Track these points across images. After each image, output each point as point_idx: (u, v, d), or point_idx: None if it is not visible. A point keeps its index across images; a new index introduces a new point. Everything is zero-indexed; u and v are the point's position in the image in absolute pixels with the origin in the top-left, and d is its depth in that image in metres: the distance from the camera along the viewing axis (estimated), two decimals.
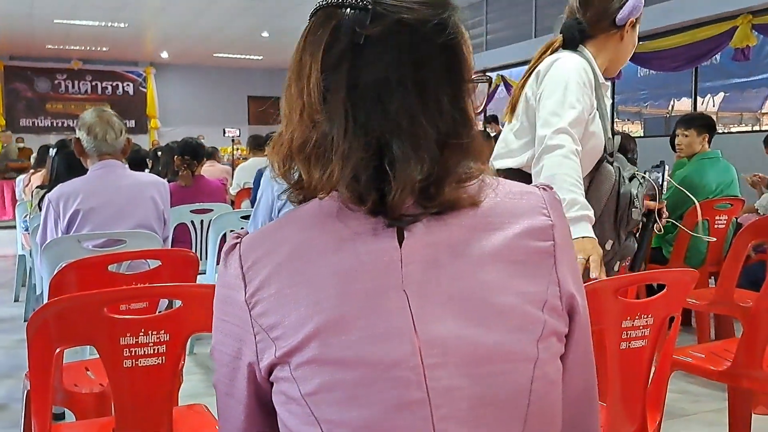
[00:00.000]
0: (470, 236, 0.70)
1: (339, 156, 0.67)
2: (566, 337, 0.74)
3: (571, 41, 1.94)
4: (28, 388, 1.83)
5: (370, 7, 0.68)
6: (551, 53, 1.95)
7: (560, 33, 1.95)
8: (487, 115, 10.28)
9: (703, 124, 3.96)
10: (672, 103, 10.82)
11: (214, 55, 14.79)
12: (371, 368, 0.65)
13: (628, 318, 1.47)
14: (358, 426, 0.65)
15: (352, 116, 0.68)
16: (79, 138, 2.60)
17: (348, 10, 0.69)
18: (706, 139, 3.92)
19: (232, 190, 5.98)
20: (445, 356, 0.66)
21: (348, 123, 0.68)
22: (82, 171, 2.69)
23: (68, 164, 3.29)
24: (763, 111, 11.14)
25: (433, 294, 0.67)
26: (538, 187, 0.76)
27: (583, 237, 1.70)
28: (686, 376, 2.90)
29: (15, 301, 4.96)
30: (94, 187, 2.57)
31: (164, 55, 15.04)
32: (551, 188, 0.77)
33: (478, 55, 11.03)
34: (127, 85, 15.89)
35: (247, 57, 14.87)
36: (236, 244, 0.73)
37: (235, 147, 11.53)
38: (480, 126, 9.99)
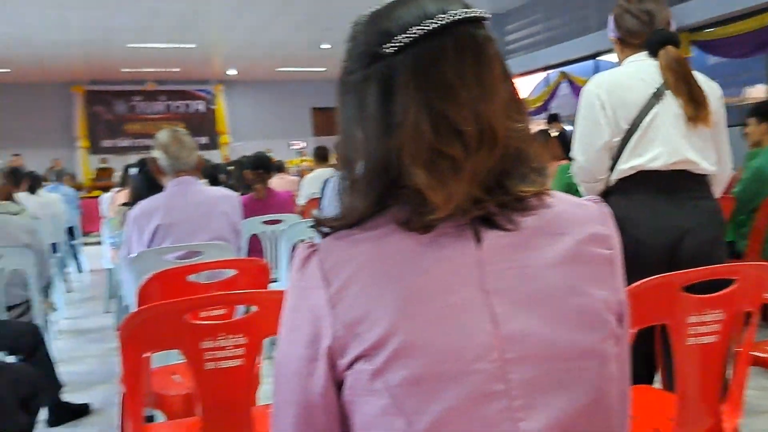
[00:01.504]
0: (543, 240, 0.75)
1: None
2: None
3: None
4: (122, 391, 1.98)
5: None
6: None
7: (672, 44, 2.04)
8: (550, 113, 10.10)
9: (765, 112, 3.80)
10: (746, 90, 10.35)
11: (277, 69, 15.16)
12: (454, 362, 0.69)
13: (696, 313, 1.47)
14: (441, 416, 0.69)
15: None
16: (155, 158, 2.76)
17: None
18: None
19: (301, 201, 6.13)
20: (523, 352, 0.71)
21: None
22: (161, 188, 2.85)
23: (148, 182, 3.48)
24: None
25: (511, 293, 0.72)
26: (589, 200, 0.82)
27: None
28: (766, 372, 2.80)
29: (105, 312, 5.26)
30: (172, 204, 2.73)
31: (231, 72, 15.53)
32: (602, 201, 0.82)
33: (537, 54, 10.89)
34: (199, 103, 16.49)
35: (310, 69, 15.16)
36: (313, 250, 0.76)
37: (302, 159, 11.81)
38: (543, 125, 9.87)
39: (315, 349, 0.74)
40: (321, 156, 6.50)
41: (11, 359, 2.75)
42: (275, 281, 3.70)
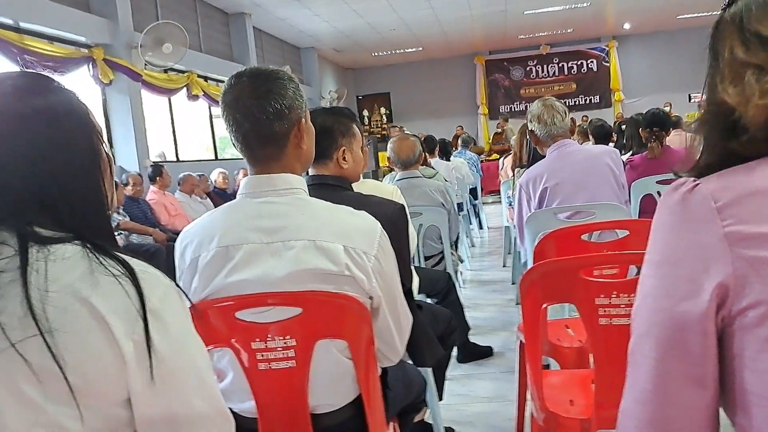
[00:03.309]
0: None
1: None
2: None
3: None
4: (521, 339, 2.19)
5: None
6: None
7: None
8: None
9: None
10: None
11: (678, 17, 13.95)
12: None
13: None
14: None
15: None
16: (532, 129, 2.93)
17: None
18: None
19: None
20: None
21: None
22: None
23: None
24: None
25: None
26: None
27: None
28: None
29: (503, 266, 5.74)
30: (554, 167, 2.89)
31: (626, 26, 14.87)
32: None
33: None
34: (591, 62, 16.24)
35: (714, 13, 13.51)
36: (696, 184, 0.75)
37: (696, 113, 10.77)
38: None
39: (698, 286, 0.72)
40: None
41: (429, 301, 3.24)
42: None
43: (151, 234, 5.84)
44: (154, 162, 7.20)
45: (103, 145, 0.96)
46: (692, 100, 13.82)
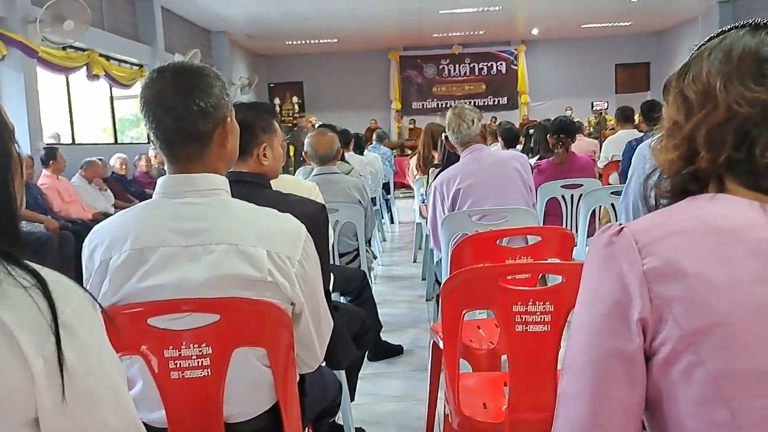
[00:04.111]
0: None
1: None
2: None
3: None
4: (435, 340, 2.21)
5: None
6: None
7: None
8: None
9: None
10: None
11: (582, 26, 14.59)
12: None
13: None
14: None
15: None
16: (447, 136, 3.09)
17: None
18: None
19: (600, 164, 5.96)
20: None
21: None
22: None
23: None
24: None
25: None
26: None
27: None
28: None
29: (413, 262, 5.80)
30: (468, 169, 3.04)
31: (534, 32, 15.39)
32: None
33: None
34: (500, 64, 16.68)
35: (616, 24, 14.32)
36: (622, 228, 0.78)
37: (603, 117, 11.36)
38: None
39: (626, 322, 0.75)
40: (625, 116, 6.17)
41: (342, 300, 3.22)
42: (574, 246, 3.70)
43: (42, 221, 5.45)
44: (47, 144, 6.75)
45: (14, 144, 0.88)
46: (594, 107, 14.48)
